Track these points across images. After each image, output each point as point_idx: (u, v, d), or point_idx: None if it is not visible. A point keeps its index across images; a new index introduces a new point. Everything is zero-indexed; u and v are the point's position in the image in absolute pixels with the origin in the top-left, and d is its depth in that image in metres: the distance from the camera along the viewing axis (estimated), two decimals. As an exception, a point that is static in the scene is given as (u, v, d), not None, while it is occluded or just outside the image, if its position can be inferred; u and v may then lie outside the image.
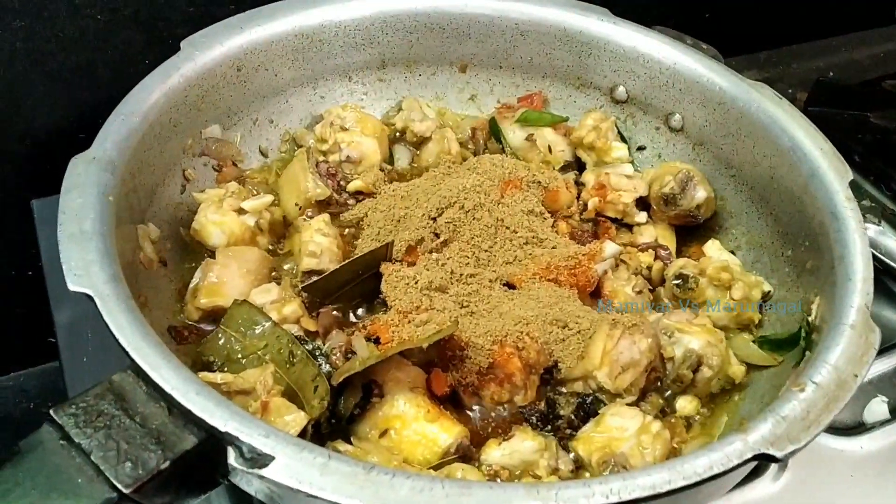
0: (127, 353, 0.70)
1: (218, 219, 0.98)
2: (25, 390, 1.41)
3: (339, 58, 1.15)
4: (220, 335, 0.85)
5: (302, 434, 0.76)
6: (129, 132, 0.90)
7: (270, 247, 1.03)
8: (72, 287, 0.73)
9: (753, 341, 0.96)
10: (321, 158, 1.09)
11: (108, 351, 0.73)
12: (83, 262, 0.75)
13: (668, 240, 1.09)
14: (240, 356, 0.83)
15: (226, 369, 0.82)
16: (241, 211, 1.00)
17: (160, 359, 0.69)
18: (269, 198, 1.03)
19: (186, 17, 1.19)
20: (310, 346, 0.85)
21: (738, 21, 1.55)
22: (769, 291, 1.00)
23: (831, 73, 1.56)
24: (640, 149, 1.18)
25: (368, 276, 0.95)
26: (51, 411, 0.67)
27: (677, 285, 0.99)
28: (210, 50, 1.03)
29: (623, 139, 1.17)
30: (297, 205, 1.04)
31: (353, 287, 0.95)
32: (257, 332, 0.84)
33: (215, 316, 0.90)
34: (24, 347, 1.36)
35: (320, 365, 0.83)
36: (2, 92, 1.15)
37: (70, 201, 0.81)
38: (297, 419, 0.77)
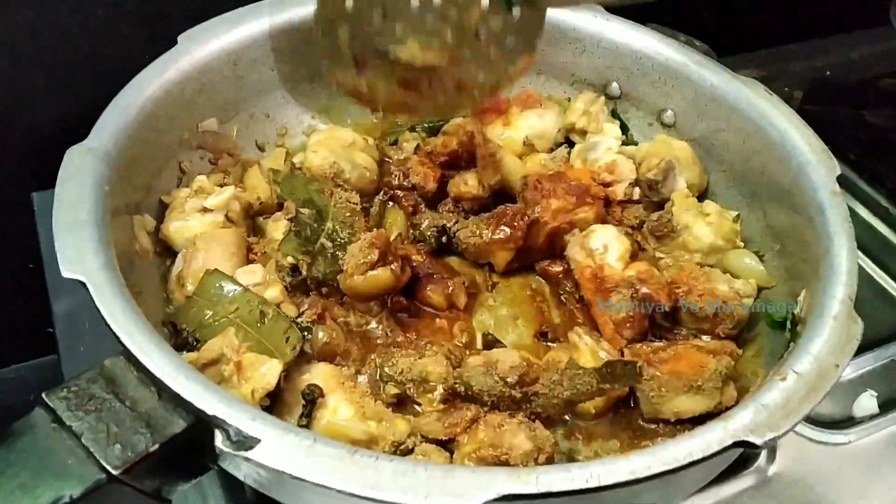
0: (118, 338, 0.71)
1: (181, 225, 0.95)
2: (27, 382, 1.42)
3: (335, 53, 1.16)
4: (192, 304, 0.86)
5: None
6: (125, 124, 0.92)
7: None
8: (65, 273, 0.74)
9: None
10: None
11: (104, 340, 0.74)
12: (77, 249, 0.76)
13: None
14: (211, 320, 0.85)
15: (198, 335, 0.83)
16: (206, 210, 0.97)
17: (151, 344, 0.71)
18: (231, 190, 0.99)
19: (188, 12, 1.19)
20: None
21: (735, 20, 1.55)
22: (738, 214, 1.05)
23: (828, 72, 1.56)
24: (634, 144, 1.19)
25: None
26: (43, 394, 0.69)
27: (655, 220, 1.03)
28: (207, 44, 1.04)
29: (616, 115, 1.18)
30: (258, 198, 1.03)
31: None
32: (228, 296, 0.86)
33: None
34: (27, 340, 1.37)
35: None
36: (4, 85, 1.16)
37: (66, 191, 0.82)
38: (272, 368, 0.79)
